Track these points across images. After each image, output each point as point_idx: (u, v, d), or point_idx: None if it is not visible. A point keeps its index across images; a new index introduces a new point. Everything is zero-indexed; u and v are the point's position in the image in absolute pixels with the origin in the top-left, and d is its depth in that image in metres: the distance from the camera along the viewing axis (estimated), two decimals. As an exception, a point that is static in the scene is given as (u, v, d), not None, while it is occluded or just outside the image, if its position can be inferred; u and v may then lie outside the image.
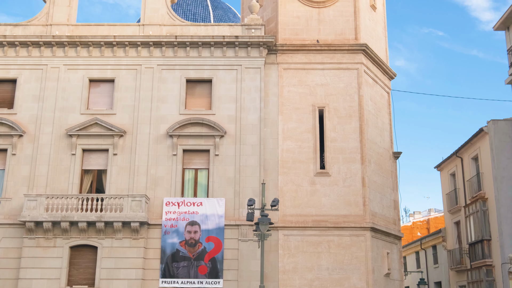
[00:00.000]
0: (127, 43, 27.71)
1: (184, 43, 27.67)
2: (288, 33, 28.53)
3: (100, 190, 26.95)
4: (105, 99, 27.69)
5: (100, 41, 27.65)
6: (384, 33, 31.80)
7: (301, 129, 27.07)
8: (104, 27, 28.50)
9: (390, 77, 31.06)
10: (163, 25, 28.41)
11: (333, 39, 28.36)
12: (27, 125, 27.03)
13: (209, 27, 28.53)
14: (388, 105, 30.49)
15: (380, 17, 31.52)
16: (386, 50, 31.64)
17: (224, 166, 26.38)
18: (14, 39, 27.66)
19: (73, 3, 29.06)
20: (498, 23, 30.89)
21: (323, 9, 28.90)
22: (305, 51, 28.05)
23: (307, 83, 27.71)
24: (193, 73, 27.72)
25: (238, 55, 27.79)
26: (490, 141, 29.30)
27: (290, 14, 28.80)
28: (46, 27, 28.47)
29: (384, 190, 28.33)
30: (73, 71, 27.82)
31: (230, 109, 27.11)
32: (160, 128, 26.88)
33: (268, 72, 27.84)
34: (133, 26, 28.57)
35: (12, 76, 27.82)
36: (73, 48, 27.99)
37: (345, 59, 28.00)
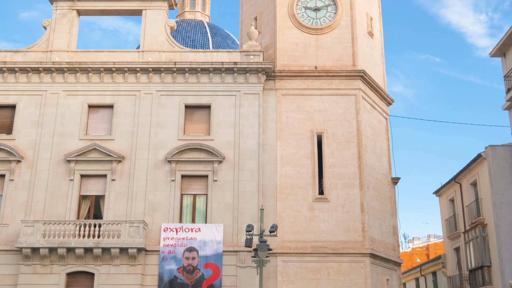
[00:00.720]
0: (127, 69, 27.89)
1: (183, 69, 27.86)
2: (287, 59, 28.76)
3: (97, 216, 26.81)
4: (104, 125, 27.74)
5: (99, 67, 27.83)
6: (381, 59, 32.07)
7: (299, 155, 27.09)
8: (104, 53, 28.71)
9: (388, 103, 31.21)
10: (163, 51, 28.64)
11: (331, 65, 28.58)
12: (26, 150, 27.02)
13: (208, 53, 28.76)
14: (386, 130, 30.58)
15: (377, 43, 31.83)
16: (384, 76, 31.87)
17: (222, 192, 26.31)
18: (14, 65, 27.84)
19: (73, 30, 29.33)
20: (494, 50, 31.18)
21: (321, 36, 29.19)
22: (303, 77, 28.24)
23: (306, 108, 27.83)
24: (192, 99, 27.84)
25: (237, 81, 27.96)
26: (489, 166, 29.30)
27: (288, 41, 29.08)
28: (46, 54, 28.68)
29: (383, 216, 28.22)
30: (73, 97, 27.92)
31: (228, 135, 27.16)
32: (158, 154, 26.87)
33: (267, 98, 27.98)
34: (133, 53, 28.80)
35: (11, 101, 27.91)
36: (73, 74, 28.15)
37: (343, 85, 28.17)
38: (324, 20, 29.41)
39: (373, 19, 31.58)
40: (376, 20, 32.24)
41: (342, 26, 29.24)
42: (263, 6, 30.89)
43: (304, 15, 29.48)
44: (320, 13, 29.54)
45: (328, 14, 29.49)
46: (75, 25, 29.52)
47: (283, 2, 29.66)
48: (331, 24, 29.14)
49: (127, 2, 29.58)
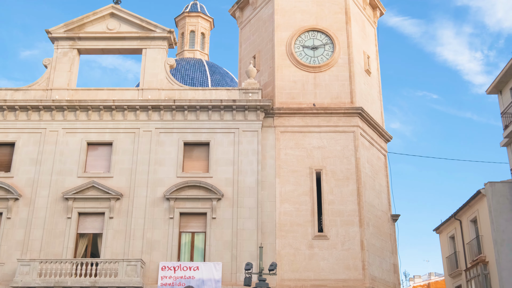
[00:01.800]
0: (126, 107, 28.07)
1: (182, 107, 28.04)
2: (285, 97, 29.00)
3: (95, 254, 26.50)
4: (103, 162, 27.73)
5: (99, 105, 28.01)
6: (379, 96, 32.35)
7: (298, 192, 27.01)
8: (104, 91, 28.94)
9: (386, 140, 31.32)
10: (162, 89, 28.88)
11: (329, 102, 28.81)
12: (24, 188, 26.92)
13: (207, 91, 29.00)
14: (385, 167, 30.58)
15: (374, 81, 32.16)
16: (382, 113, 32.09)
17: (221, 229, 26.11)
18: (15, 103, 28.01)
19: (74, 69, 29.65)
20: (491, 87, 31.51)
21: (318, 73, 29.52)
22: (301, 115, 28.41)
23: (304, 145, 27.90)
24: (191, 136, 27.93)
25: (236, 119, 28.11)
26: (488, 203, 29.19)
27: (286, 79, 29.38)
28: (47, 92, 28.90)
29: (383, 253, 27.95)
30: (72, 135, 28.00)
31: (227, 172, 27.13)
32: (157, 191, 26.78)
33: (265, 135, 28.08)
34: (132, 91, 29.03)
35: (10, 139, 27.97)
36: (72, 112, 28.31)
37: (341, 122, 28.34)
38: (321, 59, 29.80)
39: (370, 57, 32.01)
40: (373, 58, 32.67)
41: (340, 64, 29.61)
42: (261, 45, 31.34)
43: (302, 54, 29.88)
44: (317, 52, 29.95)
45: (326, 52, 29.89)
46: (76, 64, 29.86)
47: (281, 41, 30.11)
48: (329, 62, 29.51)
49: (128, 41, 30.01)
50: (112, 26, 30.25)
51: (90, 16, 30.20)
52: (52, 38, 30.11)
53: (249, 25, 33.17)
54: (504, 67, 29.82)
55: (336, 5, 30.93)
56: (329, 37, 30.11)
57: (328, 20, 30.59)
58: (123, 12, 30.30)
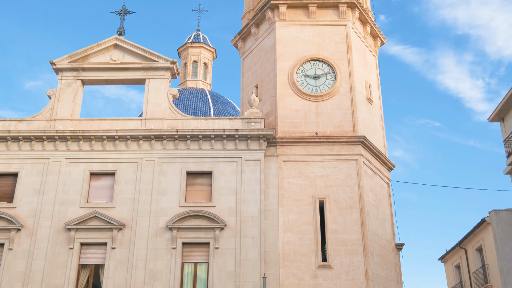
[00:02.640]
0: (129, 136, 28.16)
1: (185, 136, 28.12)
2: (287, 125, 29.08)
3: (97, 286, 26.24)
4: (105, 192, 27.68)
5: (102, 135, 28.11)
6: (381, 125, 32.43)
7: (301, 221, 26.85)
8: (107, 121, 29.09)
9: (389, 168, 31.28)
10: (165, 119, 29.02)
11: (332, 131, 28.87)
12: (26, 219, 26.84)
13: (209, 120, 29.12)
14: (388, 196, 30.47)
15: (376, 109, 32.28)
16: (384, 141, 32.12)
17: (224, 260, 25.88)
18: (18, 134, 28.13)
19: (77, 99, 29.86)
20: (493, 115, 31.58)
21: (320, 102, 29.66)
22: (304, 143, 28.45)
23: (307, 174, 27.85)
24: (194, 165, 27.93)
25: (238, 148, 28.15)
26: (493, 231, 28.96)
27: (289, 108, 29.51)
28: (50, 122, 29.05)
29: (388, 283, 27.61)
30: (75, 165, 28.04)
31: (230, 201, 27.04)
32: (159, 221, 26.65)
33: (268, 164, 28.07)
34: (135, 121, 29.16)
35: (13, 170, 28.01)
36: (76, 142, 28.40)
37: (344, 150, 28.34)
38: (323, 88, 29.98)
39: (372, 86, 32.20)
40: (375, 87, 32.87)
41: (342, 93, 29.78)
42: (263, 74, 31.59)
43: (304, 83, 30.08)
44: (319, 81, 30.16)
45: (328, 81, 30.10)
46: (79, 95, 30.09)
47: (283, 70, 30.36)
48: (331, 91, 29.68)
49: (131, 72, 30.29)
50: (116, 57, 30.58)
51: (94, 48, 30.55)
52: (56, 69, 30.42)
53: (251, 55, 33.50)
54: (506, 95, 29.95)
55: (337, 35, 31.27)
56: (331, 66, 30.36)
57: (330, 50, 30.89)
58: (127, 43, 30.66)
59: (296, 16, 31.84)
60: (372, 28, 33.78)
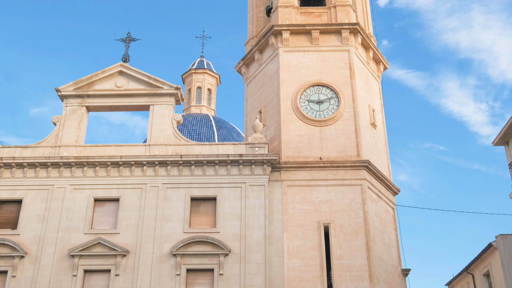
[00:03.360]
0: (133, 162, 28.19)
1: (189, 162, 28.13)
2: (291, 150, 29.08)
3: (100, 313, 25.98)
4: (109, 218, 27.60)
5: (106, 161, 28.15)
6: (385, 149, 32.39)
7: (306, 247, 26.65)
8: (111, 147, 29.16)
9: (394, 193, 31.14)
10: (169, 145, 29.08)
11: (336, 156, 28.84)
12: (30, 246, 26.73)
13: (213, 146, 29.16)
14: (393, 220, 30.26)
15: (380, 134, 32.28)
16: (389, 165, 32.04)
17: (228, 286, 25.62)
18: (23, 161, 28.21)
19: (82, 126, 30.00)
20: (497, 139, 31.49)
21: (324, 127, 29.70)
22: (308, 168, 28.40)
23: (312, 199, 27.74)
24: (198, 191, 27.87)
25: (242, 173, 28.12)
26: (501, 256, 28.62)
27: (292, 133, 29.55)
28: (55, 149, 29.15)
29: (395, 309, 27.24)
30: (79, 191, 28.02)
31: (234, 227, 26.90)
32: (163, 247, 26.50)
33: (272, 189, 27.98)
34: (139, 146, 29.22)
35: (18, 196, 28.00)
36: (80, 168, 28.43)
37: (348, 175, 28.27)
38: (327, 112, 30.06)
39: (375, 110, 32.27)
40: (378, 112, 32.93)
41: (345, 117, 29.83)
42: (267, 100, 31.73)
43: (307, 108, 30.17)
44: (323, 106, 30.25)
45: (331, 106, 30.19)
46: (84, 121, 30.24)
47: (286, 95, 30.49)
48: (334, 116, 29.74)
49: (135, 98, 30.47)
50: (121, 83, 30.81)
51: (99, 74, 30.82)
52: (62, 96, 30.64)
53: (255, 80, 33.70)
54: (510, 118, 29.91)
55: (340, 60, 31.47)
56: (334, 91, 30.47)
57: (333, 75, 31.05)
58: (131, 70, 30.91)
59: (299, 42, 32.11)
60: (375, 53, 34.01)
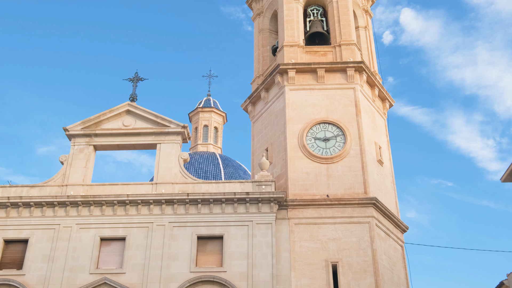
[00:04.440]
0: (140, 201, 28.15)
1: (195, 200, 28.06)
2: (298, 188, 28.99)
3: None
4: (115, 258, 27.39)
5: (113, 200, 28.13)
6: (393, 186, 32.24)
7: (314, 286, 26.25)
8: (118, 186, 29.18)
9: (403, 230, 30.83)
10: (176, 183, 29.07)
11: (343, 193, 28.71)
12: (35, 286, 26.46)
13: (220, 184, 29.12)
14: (402, 258, 29.87)
15: (387, 171, 32.19)
16: (396, 203, 31.82)
17: (236, 327, 25.18)
18: (30, 200, 28.23)
19: (89, 165, 30.11)
20: (505, 175, 31.25)
21: (331, 165, 29.67)
22: (315, 206, 28.24)
23: (319, 237, 27.49)
24: (204, 229, 27.70)
25: (249, 211, 27.99)
26: (513, 295, 28.06)
27: (299, 170, 29.51)
28: (62, 188, 29.20)
29: None
30: (85, 230, 27.91)
31: (241, 266, 26.60)
32: (170, 287, 26.17)
33: (279, 228, 27.78)
34: (146, 185, 29.23)
35: (24, 236, 27.90)
36: (87, 207, 28.40)
37: (356, 213, 28.07)
38: (333, 150, 30.07)
39: (382, 147, 32.26)
40: (385, 149, 32.92)
41: (352, 155, 29.82)
42: (273, 137, 31.83)
43: (314, 145, 30.22)
44: (329, 143, 30.29)
45: (338, 144, 30.22)
46: (91, 160, 30.37)
47: (293, 133, 30.59)
48: (341, 154, 29.74)
49: (143, 137, 30.65)
50: (128, 122, 31.05)
51: (106, 114, 31.10)
52: (69, 135, 30.87)
53: (261, 118, 33.89)
54: (517, 154, 29.79)
55: (345, 98, 31.67)
56: (340, 129, 30.56)
57: (339, 113, 31.20)
58: (139, 109, 31.19)
59: (305, 80, 32.41)
60: (380, 91, 34.24)
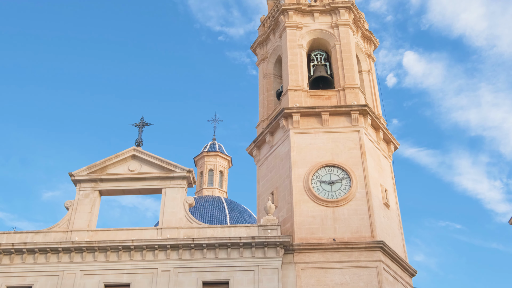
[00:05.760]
0: (145, 246, 27.91)
1: (201, 245, 27.81)
2: (304, 232, 28.72)
3: None
4: (120, 305, 26.99)
5: (118, 246, 27.90)
6: (400, 229, 31.90)
7: (323, 333, 25.67)
8: (123, 231, 28.99)
9: (411, 274, 30.32)
10: (181, 228, 28.87)
11: (350, 237, 28.41)
12: (38, 335, 26.03)
13: (225, 228, 28.91)
14: (412, 304, 29.26)
15: (394, 214, 31.93)
16: (404, 246, 31.42)
17: None
18: (34, 246, 28.03)
19: (95, 210, 30.03)
20: (513, 217, 31.01)
21: (337, 208, 29.48)
22: (322, 250, 27.90)
23: (326, 282, 27.04)
24: (210, 275, 27.33)
25: (255, 256, 27.67)
26: None
27: (305, 214, 29.32)
28: (67, 234, 29.03)
29: None
30: (89, 277, 27.57)
31: (248, 313, 26.10)
32: (175, 335, 25.67)
33: (286, 272, 27.38)
34: (151, 230, 29.03)
35: (27, 283, 27.55)
36: (91, 253, 28.16)
37: (363, 257, 27.69)
38: (339, 193, 29.94)
39: (388, 190, 32.10)
40: (391, 191, 32.75)
41: (358, 198, 29.66)
42: (279, 181, 31.77)
43: (319, 189, 30.11)
44: (335, 187, 30.18)
45: (343, 187, 30.11)
46: (97, 205, 30.31)
47: (298, 177, 30.54)
48: (347, 197, 29.59)
49: (148, 181, 30.64)
50: (133, 167, 31.11)
51: (112, 159, 31.21)
52: (75, 181, 30.90)
53: (266, 162, 33.93)
54: (524, 196, 29.60)
55: (350, 141, 31.75)
56: (346, 172, 30.51)
57: (344, 156, 31.21)
58: (144, 154, 31.30)
59: (310, 123, 32.58)
60: (385, 133, 34.34)
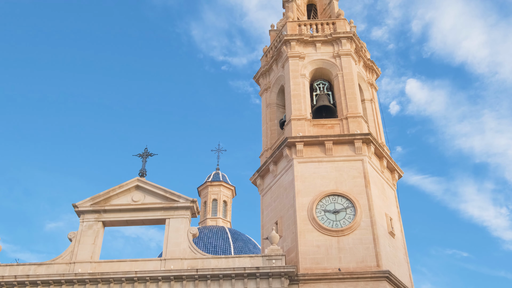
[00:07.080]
0: (148, 278, 27.66)
1: (205, 276, 27.55)
2: (309, 262, 28.46)
3: None
4: (123, 338, 26.61)
5: (121, 277, 27.66)
6: (405, 258, 31.58)
7: None
8: (126, 262, 28.76)
9: (418, 305, 29.92)
10: (185, 259, 28.65)
11: (355, 266, 28.11)
12: None
13: (230, 259, 28.67)
14: (420, 335, 28.76)
15: (399, 243, 31.65)
16: (410, 275, 31.05)
17: None
18: (37, 278, 27.80)
19: (98, 241, 29.87)
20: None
21: (342, 237, 29.26)
22: (327, 280, 27.58)
23: (332, 314, 26.67)
24: (214, 307, 27.01)
25: (260, 286, 27.34)
26: None
27: (310, 244, 29.09)
28: (70, 265, 28.83)
29: None
30: (92, 309, 27.30)
31: None
32: None
33: (291, 304, 27.03)
34: (155, 261, 28.81)
35: (30, 316, 27.32)
36: (94, 285, 27.90)
37: (369, 287, 27.32)
38: (344, 222, 29.75)
39: (393, 219, 31.90)
40: (396, 220, 32.53)
41: (362, 227, 29.46)
42: (283, 210, 31.63)
43: (324, 218, 29.94)
44: (339, 216, 30.02)
45: (348, 216, 29.94)
46: (100, 236, 30.16)
47: (302, 206, 30.41)
48: (351, 226, 29.40)
49: (151, 212, 30.56)
50: (137, 198, 31.06)
51: (116, 190, 31.19)
52: (78, 212, 30.83)
53: (270, 192, 33.83)
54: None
55: (354, 170, 31.69)
56: (350, 200, 30.37)
57: (348, 185, 31.12)
58: (148, 184, 31.28)
59: (313, 152, 32.59)
60: (389, 162, 34.29)
